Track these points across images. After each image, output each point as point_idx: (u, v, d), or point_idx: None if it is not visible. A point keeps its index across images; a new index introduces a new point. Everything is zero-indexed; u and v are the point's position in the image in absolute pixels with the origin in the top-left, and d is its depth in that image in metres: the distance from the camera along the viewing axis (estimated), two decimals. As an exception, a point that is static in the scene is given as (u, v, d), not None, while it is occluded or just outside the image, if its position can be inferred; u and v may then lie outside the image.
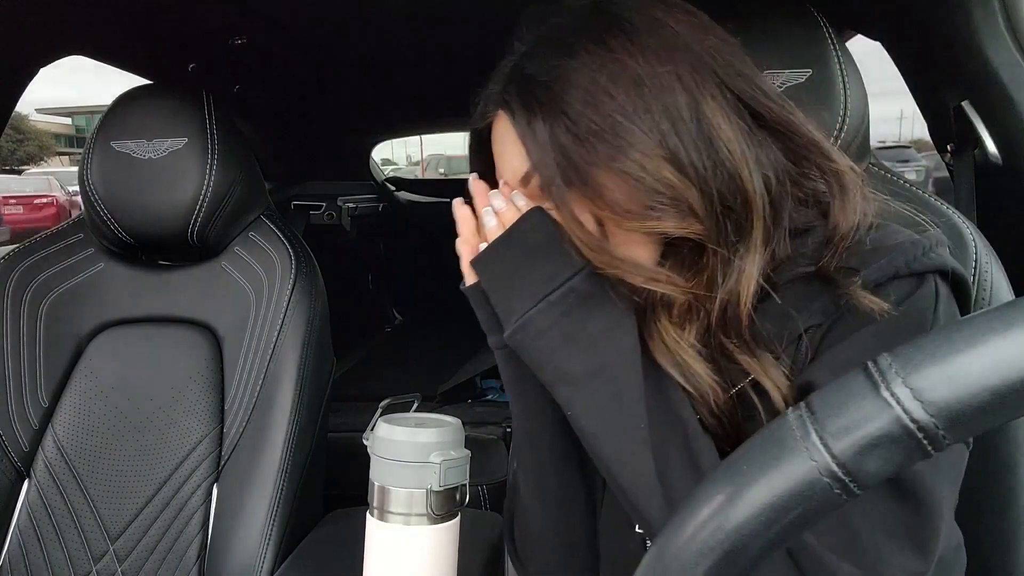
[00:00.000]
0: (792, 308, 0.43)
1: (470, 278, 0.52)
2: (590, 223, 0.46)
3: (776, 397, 0.42)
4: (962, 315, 0.44)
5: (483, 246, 0.50)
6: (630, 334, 0.44)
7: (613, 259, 0.45)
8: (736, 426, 0.44)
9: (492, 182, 0.54)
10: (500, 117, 0.50)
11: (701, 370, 0.44)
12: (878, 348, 0.33)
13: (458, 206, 0.53)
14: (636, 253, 0.47)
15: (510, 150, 0.49)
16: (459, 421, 0.58)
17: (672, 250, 0.47)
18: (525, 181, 0.49)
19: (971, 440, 0.40)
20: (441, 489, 0.53)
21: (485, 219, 0.51)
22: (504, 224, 0.49)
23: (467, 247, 0.52)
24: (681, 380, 0.44)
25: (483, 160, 0.54)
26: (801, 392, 0.42)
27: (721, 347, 0.44)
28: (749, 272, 0.44)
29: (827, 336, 0.43)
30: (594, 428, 0.44)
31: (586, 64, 0.44)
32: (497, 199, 0.50)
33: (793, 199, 0.46)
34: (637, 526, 0.49)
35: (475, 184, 0.54)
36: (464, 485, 0.56)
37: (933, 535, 0.38)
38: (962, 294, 0.44)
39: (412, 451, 0.54)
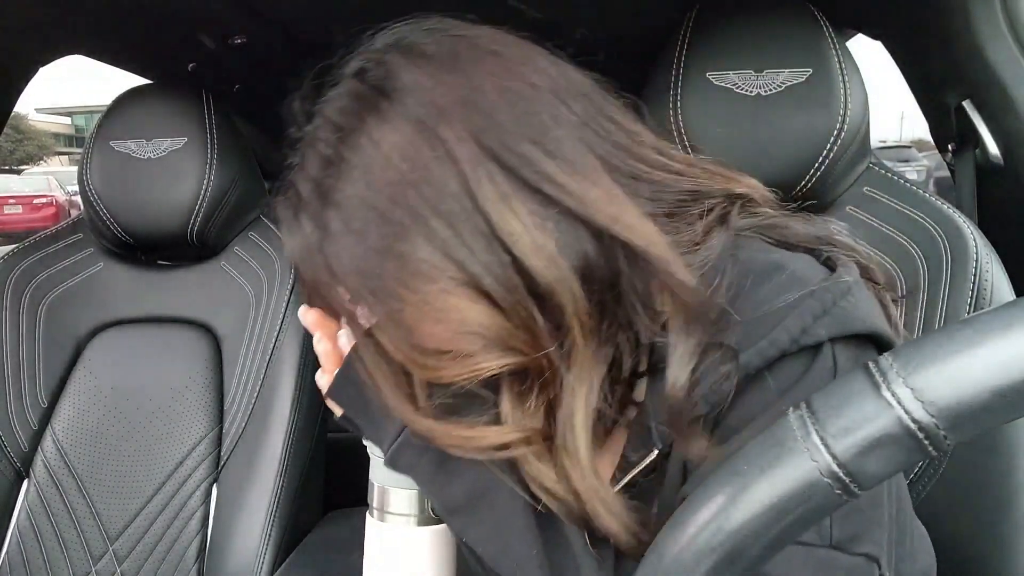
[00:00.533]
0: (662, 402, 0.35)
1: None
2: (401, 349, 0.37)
3: (605, 517, 0.36)
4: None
5: (322, 380, 0.48)
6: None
7: (438, 380, 0.37)
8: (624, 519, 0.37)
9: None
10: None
11: (564, 494, 0.37)
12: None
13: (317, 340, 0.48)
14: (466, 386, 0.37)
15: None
16: (459, 421, 0.58)
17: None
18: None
19: (882, 558, 0.33)
20: (441, 489, 0.53)
21: (316, 347, 0.47)
22: (339, 352, 0.46)
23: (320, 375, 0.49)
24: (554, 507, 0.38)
25: None
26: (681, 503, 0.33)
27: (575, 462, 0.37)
28: (581, 392, 0.35)
29: (721, 424, 0.35)
30: (490, 555, 0.41)
31: (340, 172, 0.35)
32: (319, 341, 0.47)
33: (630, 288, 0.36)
34: None
35: (305, 316, 0.48)
36: (464, 485, 0.56)
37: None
38: (881, 345, 0.35)
39: (412, 451, 0.54)
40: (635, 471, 0.38)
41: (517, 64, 0.37)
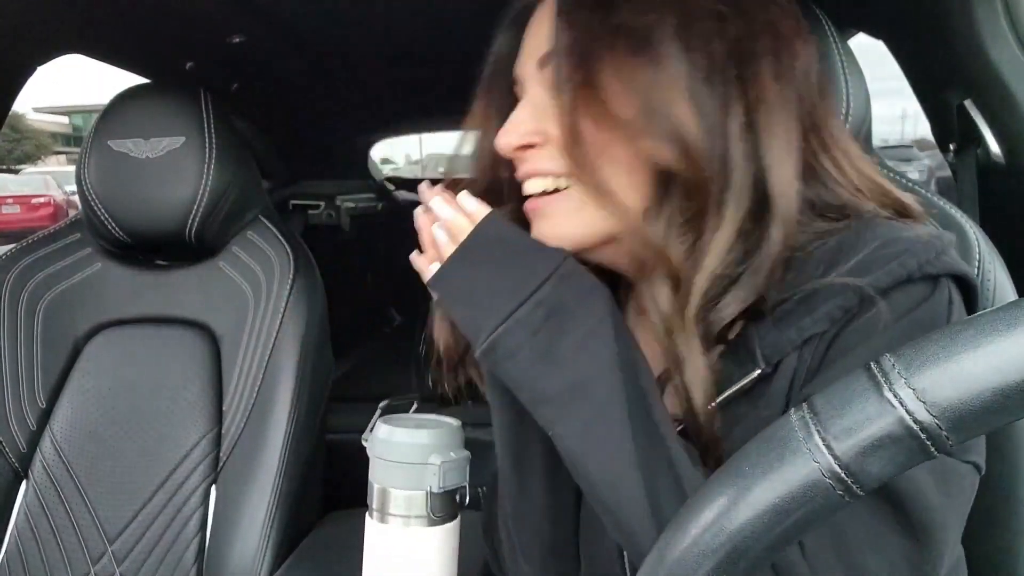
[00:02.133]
0: (796, 314, 0.40)
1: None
2: (587, 129, 0.42)
3: (696, 397, 0.40)
4: None
5: (434, 267, 0.48)
6: (608, 345, 0.41)
7: (589, 170, 0.42)
8: (714, 437, 0.41)
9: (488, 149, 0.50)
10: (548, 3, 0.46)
11: (697, 355, 0.41)
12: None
13: (419, 214, 0.50)
14: (616, 183, 0.43)
15: (544, 29, 0.45)
16: (459, 422, 0.58)
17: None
18: (544, 63, 0.45)
19: (983, 466, 0.38)
20: (441, 491, 0.53)
21: (436, 234, 0.47)
22: (456, 236, 0.46)
23: (423, 260, 0.50)
24: (675, 371, 0.41)
25: (504, 58, 0.50)
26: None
27: (688, 331, 0.41)
28: (716, 242, 0.41)
29: (833, 345, 0.39)
30: (578, 449, 0.41)
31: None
32: (444, 209, 0.47)
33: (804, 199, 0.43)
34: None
35: (426, 193, 0.50)
36: (464, 487, 0.56)
37: (937, 572, 0.36)
38: (972, 302, 0.40)
39: (412, 452, 0.54)
40: (733, 388, 0.41)
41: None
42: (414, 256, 0.52)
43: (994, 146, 0.74)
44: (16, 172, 13.56)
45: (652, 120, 0.41)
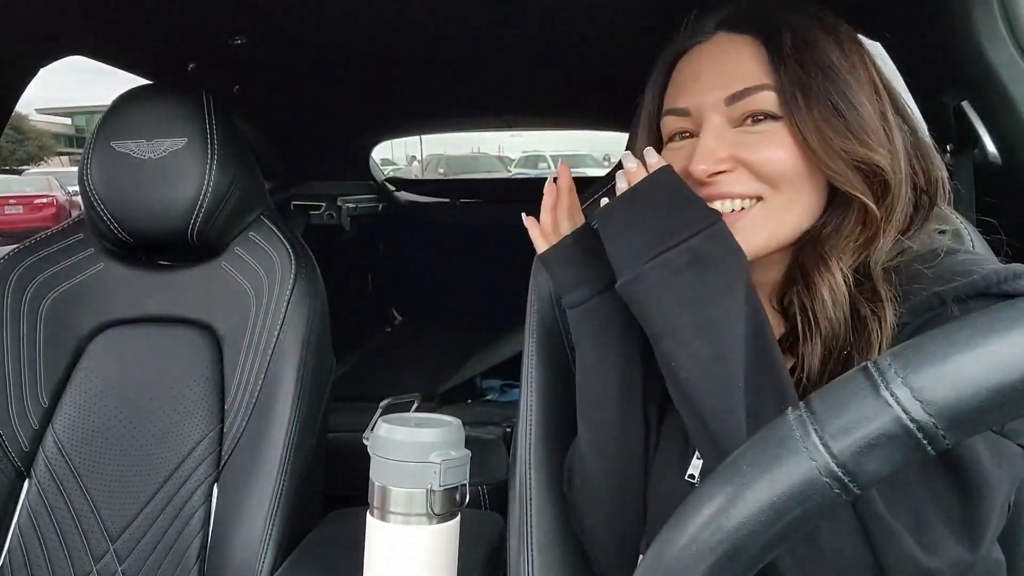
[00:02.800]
0: (897, 295, 0.47)
1: (541, 246, 0.59)
2: (812, 146, 0.50)
3: (873, 353, 0.45)
4: None
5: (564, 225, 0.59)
6: (738, 299, 0.46)
7: (844, 164, 0.48)
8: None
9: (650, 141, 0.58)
10: (724, 40, 0.54)
11: (844, 304, 0.48)
12: None
13: (550, 183, 0.60)
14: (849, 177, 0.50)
15: (734, 68, 0.52)
16: (459, 421, 0.59)
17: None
18: (736, 98, 0.51)
19: None
20: (441, 489, 0.53)
21: (618, 183, 0.53)
22: (632, 183, 0.52)
23: (547, 215, 0.59)
24: (831, 311, 0.48)
25: (662, 83, 0.58)
26: None
27: (871, 286, 0.48)
28: (893, 224, 0.50)
29: (913, 336, 0.45)
30: (695, 380, 0.46)
31: (824, 39, 0.51)
32: (629, 160, 0.53)
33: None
34: (687, 474, 0.53)
35: (562, 165, 0.60)
36: (464, 485, 0.56)
37: (986, 528, 0.40)
38: None
39: (412, 451, 0.54)
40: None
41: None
42: (530, 221, 0.61)
43: (991, 147, 0.74)
44: (19, 173, 13.56)
45: (852, 152, 0.48)
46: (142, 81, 1.11)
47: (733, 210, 0.51)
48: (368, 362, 2.17)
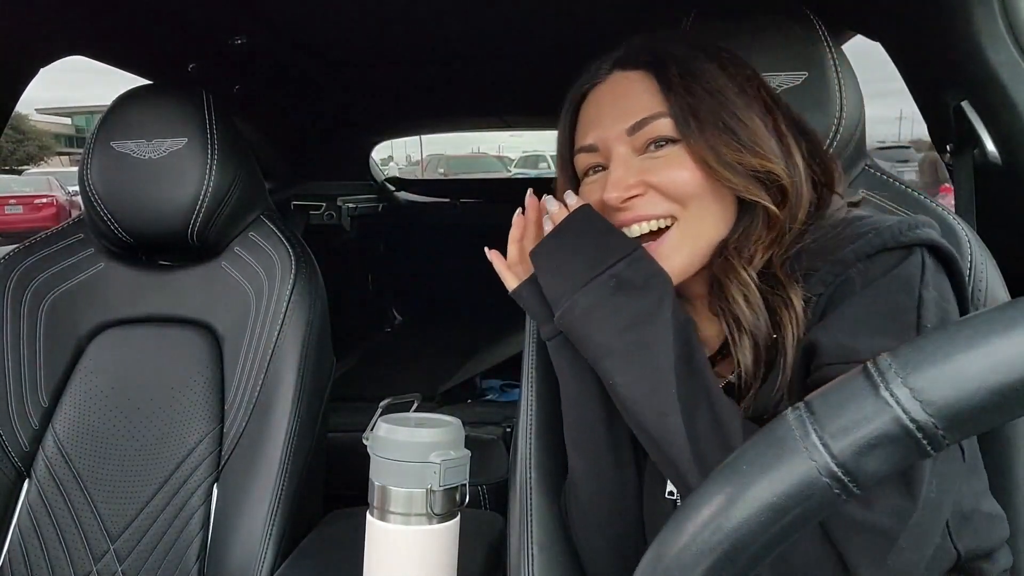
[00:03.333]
0: (799, 279, 0.50)
1: (512, 283, 0.61)
2: (711, 164, 0.53)
3: (788, 335, 0.48)
4: (953, 290, 0.48)
5: (516, 250, 0.61)
6: (665, 315, 0.50)
7: (741, 175, 0.52)
8: (757, 382, 0.50)
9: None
10: (620, 77, 0.58)
11: (758, 301, 0.51)
12: (871, 310, 0.46)
13: (518, 215, 0.62)
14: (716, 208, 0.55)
15: (631, 101, 0.56)
16: (459, 421, 0.59)
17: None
18: (636, 129, 0.55)
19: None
20: (441, 489, 0.53)
21: (544, 226, 0.58)
22: (556, 223, 0.57)
23: (514, 246, 0.62)
24: (746, 311, 0.51)
25: (570, 123, 0.61)
26: (805, 353, 0.48)
27: (775, 277, 0.51)
28: (790, 237, 0.53)
29: (828, 304, 0.49)
30: (632, 395, 0.50)
31: (709, 66, 0.55)
32: (551, 203, 0.58)
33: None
34: (667, 491, 0.55)
35: (530, 199, 0.62)
36: (464, 485, 0.56)
37: (920, 478, 0.42)
38: (952, 270, 0.49)
39: (412, 451, 0.54)
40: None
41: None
42: (493, 255, 0.63)
43: (991, 147, 0.74)
44: (19, 173, 13.56)
45: (747, 164, 0.52)
46: (142, 81, 1.11)
47: (651, 231, 0.55)
48: (368, 362, 2.17)
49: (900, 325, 0.45)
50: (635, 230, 0.55)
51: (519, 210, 0.63)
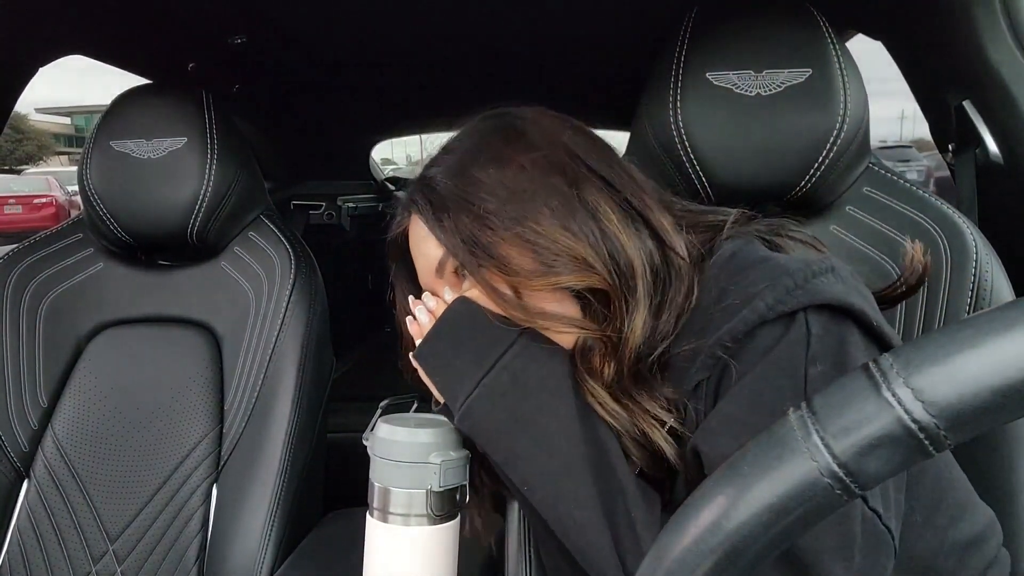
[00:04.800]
0: (681, 370, 0.46)
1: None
2: (507, 291, 0.49)
3: (659, 440, 0.45)
4: (864, 335, 0.43)
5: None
6: (568, 403, 0.47)
7: (533, 314, 0.48)
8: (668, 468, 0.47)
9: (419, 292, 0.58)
10: (414, 221, 0.55)
11: (618, 408, 0.47)
12: (753, 404, 0.41)
13: (409, 321, 0.57)
14: (554, 310, 0.50)
15: (424, 246, 0.54)
16: (459, 421, 0.58)
17: (585, 304, 0.50)
18: (440, 271, 0.53)
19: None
20: (441, 489, 0.53)
21: (419, 317, 0.54)
22: (435, 318, 0.53)
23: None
24: (609, 420, 0.47)
25: (407, 266, 0.59)
26: (692, 454, 0.44)
27: (628, 391, 0.47)
28: (636, 322, 0.48)
29: (718, 387, 0.44)
30: (548, 501, 0.46)
31: (480, 163, 0.51)
32: (429, 299, 0.55)
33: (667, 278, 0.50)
34: None
35: (413, 303, 0.57)
36: (464, 485, 0.56)
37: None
38: (854, 318, 0.42)
39: (412, 451, 0.54)
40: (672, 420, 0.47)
41: (589, 135, 0.56)
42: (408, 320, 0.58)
43: (992, 146, 0.74)
44: (18, 172, 13.56)
45: (549, 263, 0.48)
46: (142, 81, 1.11)
47: None
48: (368, 362, 2.16)
49: None
50: None
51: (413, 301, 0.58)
